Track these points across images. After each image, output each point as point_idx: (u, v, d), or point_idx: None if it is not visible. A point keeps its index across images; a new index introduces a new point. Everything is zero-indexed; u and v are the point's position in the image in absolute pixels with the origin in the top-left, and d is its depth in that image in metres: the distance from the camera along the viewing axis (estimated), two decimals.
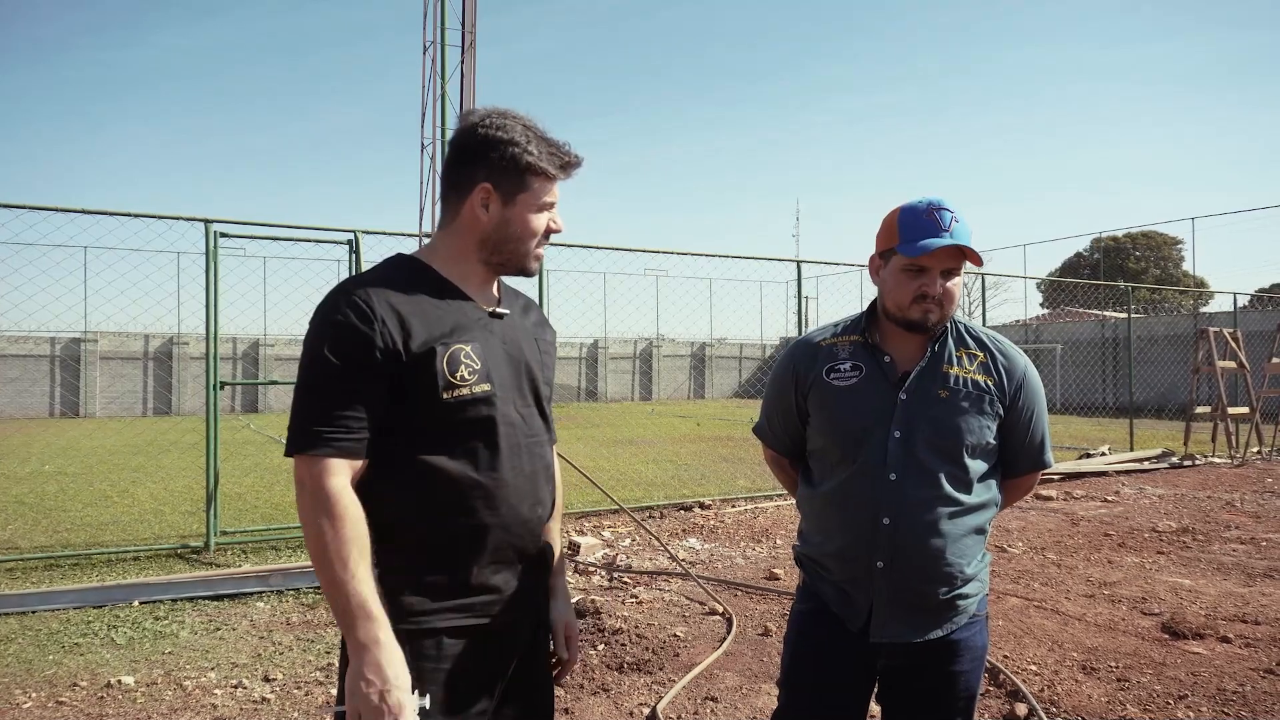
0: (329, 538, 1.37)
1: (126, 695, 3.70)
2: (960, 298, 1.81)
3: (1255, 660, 4.02)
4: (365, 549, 1.40)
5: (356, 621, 1.36)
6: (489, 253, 1.60)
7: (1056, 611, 4.85)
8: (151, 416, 25.95)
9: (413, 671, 1.42)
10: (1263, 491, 9.28)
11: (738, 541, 6.92)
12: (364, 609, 1.36)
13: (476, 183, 1.56)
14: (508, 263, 1.62)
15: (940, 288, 1.76)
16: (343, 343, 1.44)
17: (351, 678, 1.36)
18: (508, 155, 1.54)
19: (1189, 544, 6.69)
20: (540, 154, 1.56)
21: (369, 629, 1.36)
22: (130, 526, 7.60)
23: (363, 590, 1.37)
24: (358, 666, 1.35)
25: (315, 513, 1.39)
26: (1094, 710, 3.47)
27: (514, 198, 1.57)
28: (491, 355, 1.56)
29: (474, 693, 1.53)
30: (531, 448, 1.61)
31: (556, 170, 1.59)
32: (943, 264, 1.76)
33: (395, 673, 1.35)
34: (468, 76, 5.90)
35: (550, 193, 1.61)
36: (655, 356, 34.56)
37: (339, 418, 1.43)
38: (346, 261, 7.00)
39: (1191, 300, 30.41)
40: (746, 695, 3.68)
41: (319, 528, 1.38)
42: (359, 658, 1.35)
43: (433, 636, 1.48)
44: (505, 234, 1.58)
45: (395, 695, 1.34)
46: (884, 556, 1.76)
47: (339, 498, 1.40)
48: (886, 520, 1.75)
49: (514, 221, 1.58)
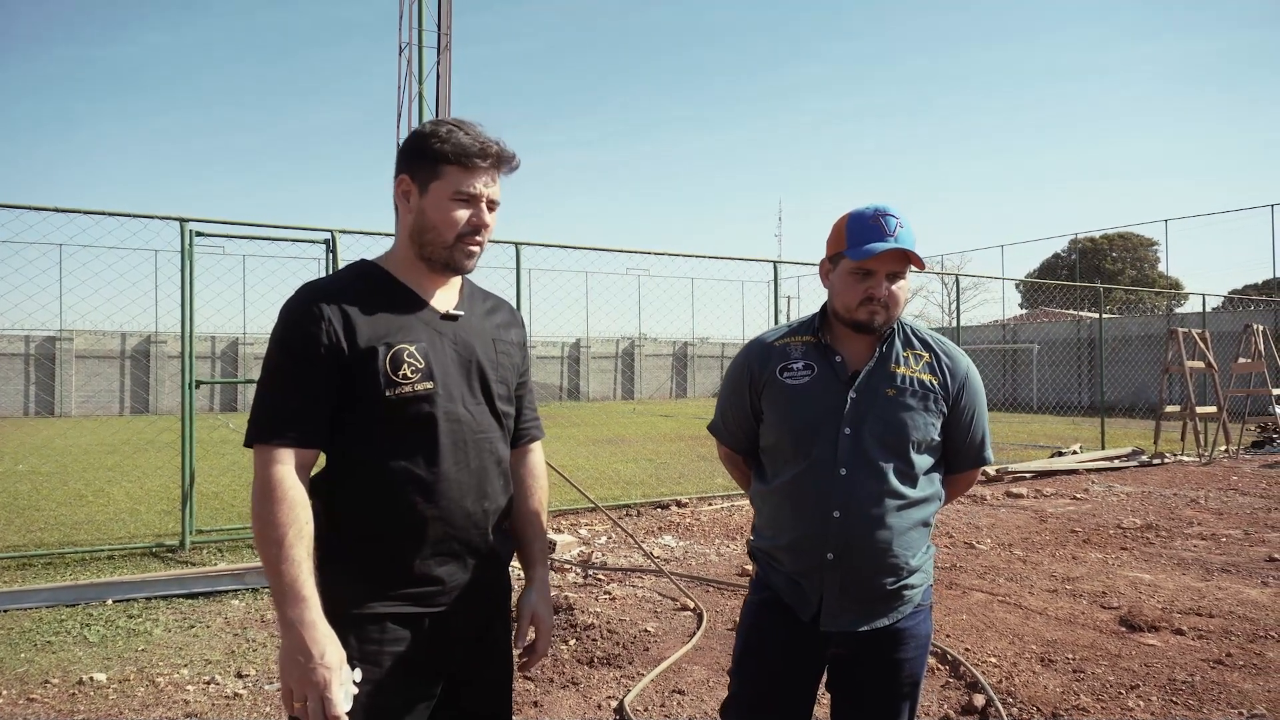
0: (267, 520, 1.45)
1: (98, 692, 3.73)
2: (906, 300, 1.89)
3: (1206, 651, 4.15)
4: (304, 533, 1.46)
5: (286, 601, 1.43)
6: (419, 247, 1.64)
7: (1019, 606, 4.97)
8: (128, 416, 25.73)
9: (356, 653, 1.50)
10: (1227, 489, 9.48)
11: (712, 539, 7.00)
12: (294, 589, 1.43)
13: (398, 175, 1.64)
14: (434, 257, 1.64)
15: (886, 290, 1.84)
16: (292, 341, 1.53)
17: (282, 655, 1.43)
18: (421, 146, 1.61)
19: (1152, 540, 6.84)
20: (454, 142, 1.58)
21: (298, 609, 1.42)
22: (105, 526, 7.57)
23: (294, 571, 1.43)
24: (288, 645, 1.42)
25: (258, 497, 1.47)
26: (1049, 700, 3.57)
27: (427, 186, 1.61)
28: (438, 355, 1.62)
29: (419, 678, 1.60)
30: (480, 444, 1.67)
31: (471, 158, 1.58)
32: (888, 267, 1.84)
33: (321, 650, 1.41)
34: (443, 77, 5.93)
35: (468, 183, 1.60)
36: (637, 356, 34.64)
37: (288, 411, 1.52)
38: (324, 261, 7.02)
39: (1166, 301, 30.83)
40: (713, 688, 3.76)
41: (259, 511, 1.47)
42: (288, 636, 1.43)
43: (376, 622, 1.56)
44: (423, 224, 1.62)
45: (320, 672, 1.40)
46: (835, 549, 1.82)
47: (280, 483, 1.47)
48: (837, 514, 1.82)
49: (428, 210, 1.61)
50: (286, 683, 1.43)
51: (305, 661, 1.41)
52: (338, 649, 1.45)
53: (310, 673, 1.40)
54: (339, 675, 1.43)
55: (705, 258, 9.98)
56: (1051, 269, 41.26)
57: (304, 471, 1.53)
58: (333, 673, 1.41)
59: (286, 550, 1.44)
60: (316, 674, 1.40)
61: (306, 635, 1.41)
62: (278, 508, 1.46)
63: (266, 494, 1.47)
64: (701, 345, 36.50)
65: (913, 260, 1.85)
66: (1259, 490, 9.34)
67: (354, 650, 1.52)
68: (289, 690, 1.42)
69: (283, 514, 1.45)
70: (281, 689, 1.44)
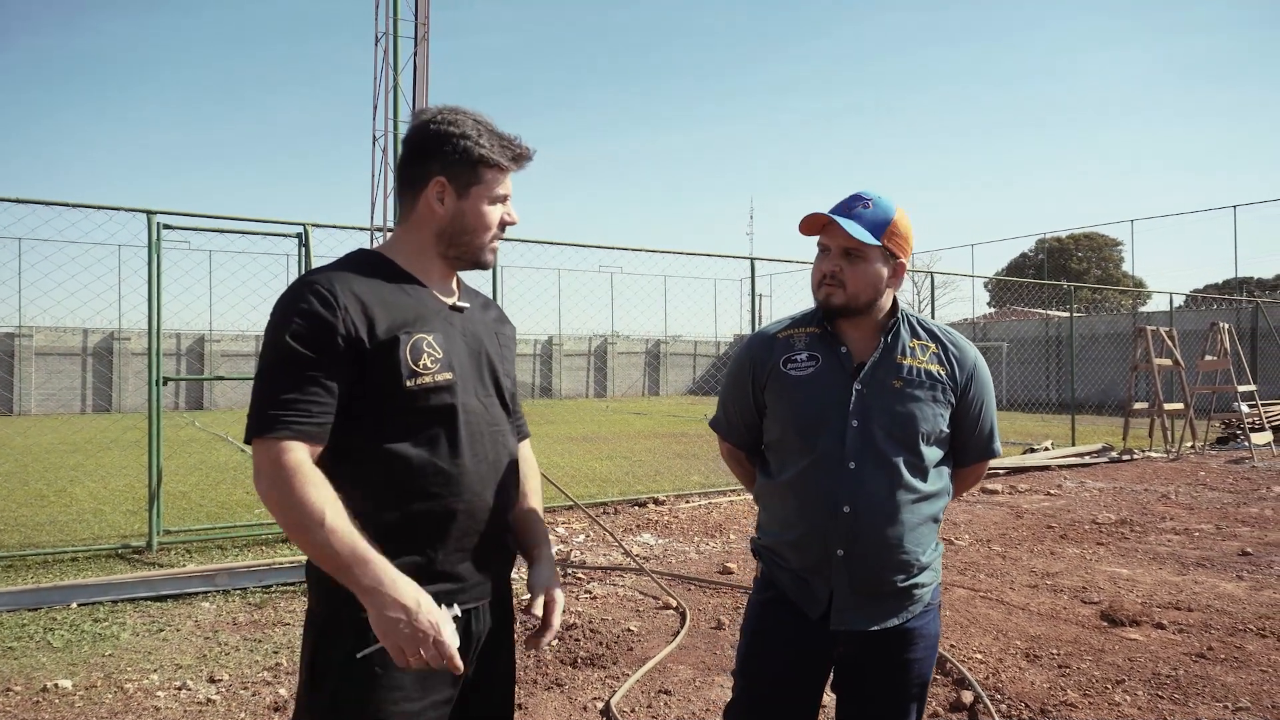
0: (298, 505, 1.37)
1: (64, 699, 3.59)
2: (876, 283, 1.82)
3: (1188, 645, 4.18)
4: (338, 506, 1.39)
5: (354, 570, 1.36)
6: (445, 245, 1.63)
7: (1001, 601, 4.98)
8: (91, 414, 25.16)
9: (379, 660, 1.44)
10: (1196, 484, 9.62)
11: (691, 537, 6.96)
12: (356, 555, 1.36)
13: (431, 177, 1.59)
14: (464, 255, 1.65)
15: (837, 267, 1.79)
16: (305, 329, 1.44)
17: (376, 623, 1.36)
18: (460, 148, 1.58)
19: (1127, 535, 6.91)
20: (492, 146, 1.60)
21: (369, 571, 1.36)
22: (68, 526, 7.35)
23: (349, 541, 1.37)
24: (377, 610, 1.36)
25: (278, 487, 1.39)
26: (1036, 696, 3.56)
27: (467, 190, 1.60)
28: (453, 346, 1.59)
29: (438, 679, 1.53)
30: (494, 436, 1.64)
31: (508, 162, 1.63)
32: (837, 242, 1.80)
33: (415, 599, 1.37)
34: (420, 69, 5.82)
35: (503, 185, 1.64)
36: (610, 353, 34.54)
37: (298, 402, 1.43)
38: (296, 256, 6.87)
39: (1131, 300, 31.36)
40: (700, 688, 3.71)
41: (285, 500, 1.38)
42: (373, 602, 1.36)
43: None
44: (460, 226, 1.62)
45: (424, 617, 1.36)
46: (844, 544, 1.77)
47: (300, 467, 1.40)
48: (847, 509, 1.77)
49: (468, 214, 1.61)
50: (395, 643, 1.36)
51: (406, 618, 1.35)
52: (424, 593, 1.40)
53: (416, 624, 1.35)
54: (441, 616, 1.38)
55: (681, 254, 9.96)
56: (1019, 268, 41.81)
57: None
58: (434, 615, 1.37)
59: (330, 522, 1.36)
60: (421, 622, 1.36)
61: (392, 592, 1.36)
62: (307, 488, 1.38)
63: (288, 480, 1.38)
64: (674, 343, 36.49)
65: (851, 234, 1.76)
66: (1226, 485, 9.49)
67: (376, 657, 1.44)
68: (399, 649, 1.36)
69: (313, 494, 1.37)
70: (391, 650, 1.37)
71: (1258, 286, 31.28)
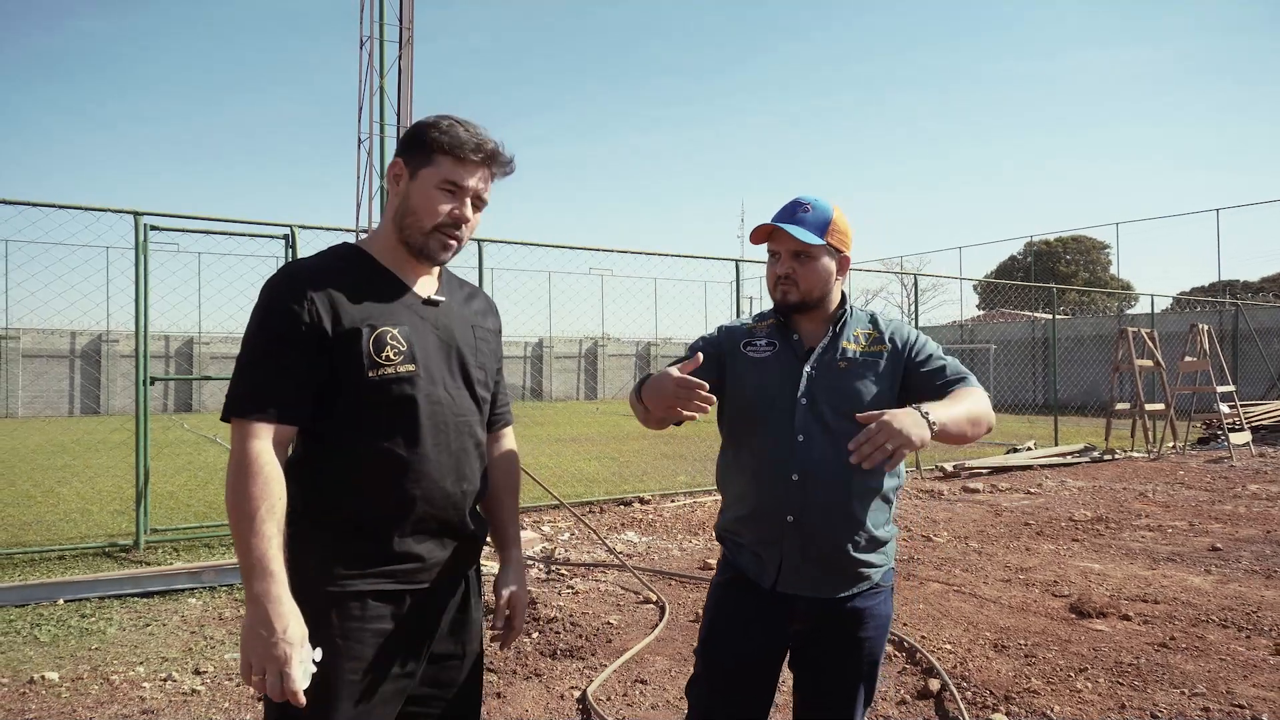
0: (240, 494, 1.47)
1: (50, 690, 3.65)
2: (826, 278, 1.99)
3: (1151, 635, 4.29)
4: (275, 509, 1.48)
5: (254, 575, 1.44)
6: (399, 230, 1.67)
7: (974, 595, 5.08)
8: (78, 416, 25.08)
9: (339, 631, 1.52)
10: (1174, 483, 9.77)
11: (675, 534, 7.05)
12: (262, 564, 1.44)
13: (393, 160, 1.70)
14: (411, 242, 1.66)
15: (788, 268, 1.96)
16: (273, 319, 1.55)
17: (245, 629, 1.44)
18: (419, 134, 1.66)
19: (1102, 532, 7.03)
20: (451, 135, 1.63)
21: (264, 584, 1.44)
22: (55, 526, 7.39)
23: (264, 546, 1.45)
24: (251, 618, 1.44)
25: (233, 472, 1.49)
26: (1001, 684, 3.67)
27: (418, 172, 1.64)
28: (420, 339, 1.65)
29: (399, 652, 1.61)
30: (459, 426, 1.70)
31: (465, 151, 1.63)
32: (787, 246, 1.97)
33: (284, 625, 1.43)
34: (405, 72, 5.90)
35: (457, 175, 1.63)
36: (600, 356, 34.60)
37: (265, 386, 1.53)
38: (284, 257, 6.94)
39: (1117, 302, 31.60)
40: (675, 678, 3.79)
41: (233, 484, 1.48)
42: (252, 610, 1.44)
43: (358, 599, 1.57)
44: (406, 208, 1.65)
45: (282, 647, 1.42)
46: (794, 510, 1.90)
47: (256, 459, 1.49)
48: (796, 477, 1.89)
49: (414, 195, 1.64)
50: (246, 656, 1.43)
51: (267, 635, 1.42)
52: (300, 625, 1.46)
53: (271, 647, 1.42)
54: (299, 652, 1.44)
55: (668, 256, 10.03)
56: (1008, 271, 42.04)
57: (280, 448, 1.54)
58: (293, 648, 1.43)
59: (258, 525, 1.45)
60: (278, 649, 1.42)
61: (271, 610, 1.43)
62: (252, 483, 1.47)
63: (242, 469, 1.48)
64: (665, 346, 36.56)
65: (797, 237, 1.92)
66: (1204, 484, 9.64)
67: (336, 628, 1.53)
68: (248, 664, 1.43)
69: (256, 489, 1.47)
70: (241, 662, 1.45)
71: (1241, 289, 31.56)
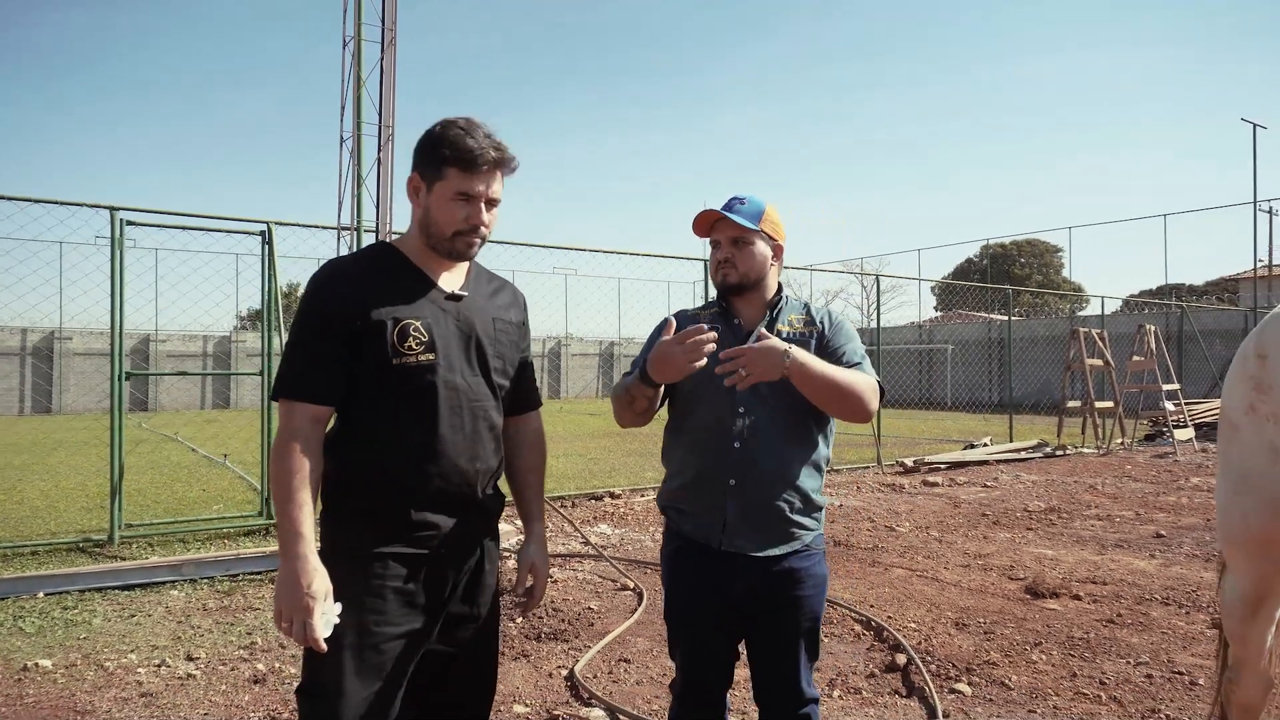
0: (281, 466, 1.68)
1: (46, 677, 3.72)
2: (763, 261, 2.20)
3: (1100, 613, 4.58)
4: (309, 480, 1.68)
5: (287, 536, 1.66)
6: (426, 237, 1.86)
7: (936, 579, 5.35)
8: (30, 415, 24.50)
9: (363, 587, 1.73)
10: (1122, 476, 10.21)
11: (647, 527, 7.23)
12: (295, 527, 1.66)
13: (410, 174, 1.87)
14: (438, 247, 1.84)
15: (728, 253, 2.18)
16: (312, 309, 1.76)
17: (278, 582, 1.66)
18: (429, 149, 1.82)
19: (1054, 521, 7.38)
20: (457, 147, 1.76)
21: (296, 546, 1.65)
22: (23, 522, 7.34)
23: (297, 512, 1.66)
24: (283, 573, 1.65)
25: (277, 446, 1.70)
26: (962, 658, 3.91)
27: (433, 186, 1.81)
28: (441, 330, 1.83)
29: (415, 608, 1.79)
30: (475, 410, 1.87)
31: (472, 162, 1.76)
32: (728, 234, 2.18)
33: (309, 580, 1.64)
34: (387, 73, 6.00)
35: (468, 185, 1.78)
36: (564, 355, 34.68)
37: (304, 371, 1.74)
38: (260, 253, 6.98)
39: (1069, 304, 32.51)
40: (657, 656, 3.98)
41: (276, 457, 1.69)
42: (285, 566, 1.65)
43: (380, 560, 1.77)
44: (428, 219, 1.83)
45: (306, 600, 1.63)
46: (735, 475, 2.10)
47: (293, 436, 1.70)
48: (737, 444, 2.10)
49: (432, 208, 1.82)
50: (279, 605, 1.64)
51: (295, 589, 1.63)
52: (324, 583, 1.66)
53: (298, 599, 1.62)
54: (321, 605, 1.64)
55: (635, 255, 10.19)
56: (965, 273, 43.00)
57: (319, 425, 1.74)
58: (316, 602, 1.63)
59: (293, 493, 1.66)
60: (303, 601, 1.62)
61: (299, 567, 1.64)
62: (291, 456, 1.68)
63: (283, 443, 1.69)
64: (628, 345, 36.74)
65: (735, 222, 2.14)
66: (1149, 478, 10.09)
67: (360, 585, 1.72)
68: (279, 611, 1.65)
69: (294, 461, 1.67)
70: (274, 609, 1.66)
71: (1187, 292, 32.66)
